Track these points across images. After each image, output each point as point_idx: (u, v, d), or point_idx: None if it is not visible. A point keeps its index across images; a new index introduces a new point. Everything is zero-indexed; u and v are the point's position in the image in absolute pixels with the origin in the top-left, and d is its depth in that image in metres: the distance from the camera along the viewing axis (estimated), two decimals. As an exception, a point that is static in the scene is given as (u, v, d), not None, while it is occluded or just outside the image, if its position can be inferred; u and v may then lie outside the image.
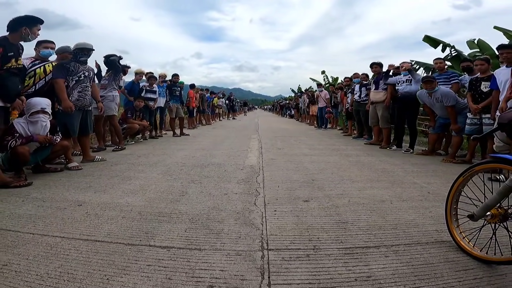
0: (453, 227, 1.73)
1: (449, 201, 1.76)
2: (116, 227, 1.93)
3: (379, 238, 1.83)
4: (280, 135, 8.34)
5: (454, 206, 1.75)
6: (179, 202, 2.47)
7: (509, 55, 3.67)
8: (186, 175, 3.42)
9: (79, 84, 3.96)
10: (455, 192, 1.75)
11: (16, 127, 3.19)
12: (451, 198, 1.76)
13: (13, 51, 3.02)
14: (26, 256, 1.53)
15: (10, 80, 3.00)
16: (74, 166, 3.67)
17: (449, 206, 1.76)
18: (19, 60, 3.15)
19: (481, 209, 1.58)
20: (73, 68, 3.92)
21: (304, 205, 2.43)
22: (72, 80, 3.91)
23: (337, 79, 21.13)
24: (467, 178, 1.70)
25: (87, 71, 4.10)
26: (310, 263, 1.54)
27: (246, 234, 1.88)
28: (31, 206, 2.31)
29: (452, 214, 1.75)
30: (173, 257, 1.58)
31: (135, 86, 6.87)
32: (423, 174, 3.58)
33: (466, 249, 1.63)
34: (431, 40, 8.69)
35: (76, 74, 3.94)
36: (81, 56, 4.04)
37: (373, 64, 6.55)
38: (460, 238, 1.68)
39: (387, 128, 6.21)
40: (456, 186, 1.74)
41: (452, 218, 1.74)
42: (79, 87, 3.96)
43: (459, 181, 1.72)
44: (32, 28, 3.15)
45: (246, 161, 4.32)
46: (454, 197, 1.75)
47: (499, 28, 7.62)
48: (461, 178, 1.72)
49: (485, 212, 1.55)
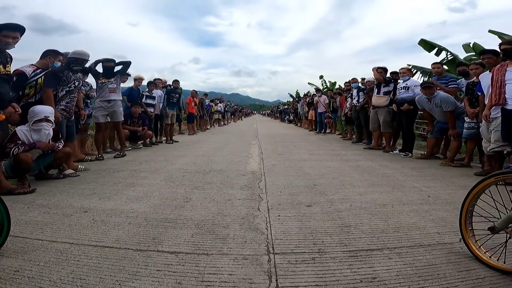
0: (468, 236, 1.67)
1: (464, 213, 1.69)
2: (123, 233, 1.95)
3: (382, 241, 1.87)
4: (280, 140, 8.40)
5: (469, 219, 1.68)
6: (184, 208, 2.50)
7: (490, 59, 3.78)
8: (188, 181, 3.45)
9: (69, 95, 3.88)
10: (469, 203, 1.68)
11: (19, 134, 3.21)
12: (465, 210, 1.68)
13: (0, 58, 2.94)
14: (37, 262, 1.56)
15: (1, 86, 2.91)
16: (71, 173, 3.66)
17: (463, 218, 1.69)
18: (7, 66, 3.04)
19: (502, 221, 1.53)
20: (66, 77, 3.81)
21: (307, 209, 2.47)
22: (62, 90, 3.80)
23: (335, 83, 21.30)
24: (484, 187, 1.64)
25: (77, 81, 4.00)
26: (316, 266, 1.58)
27: (251, 238, 1.91)
28: (37, 213, 2.34)
29: (467, 226, 1.68)
30: (181, 262, 1.61)
31: (134, 92, 6.84)
32: (422, 178, 3.64)
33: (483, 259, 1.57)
34: (426, 44, 8.74)
35: (67, 84, 3.84)
36: (74, 65, 3.93)
37: (378, 69, 6.44)
38: (475, 247, 1.63)
39: (388, 132, 6.23)
40: (471, 197, 1.67)
41: (467, 230, 1.67)
42: (68, 97, 3.88)
43: (474, 192, 1.66)
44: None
45: (247, 167, 4.35)
46: (469, 208, 1.68)
47: (494, 31, 7.70)
48: (476, 189, 1.65)
49: (507, 224, 1.50)
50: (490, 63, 3.77)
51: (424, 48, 8.75)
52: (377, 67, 6.42)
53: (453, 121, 4.66)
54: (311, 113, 12.76)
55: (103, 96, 5.15)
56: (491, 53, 3.83)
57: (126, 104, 6.68)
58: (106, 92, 5.16)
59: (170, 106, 8.28)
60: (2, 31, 2.95)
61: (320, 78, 21.94)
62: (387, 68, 6.48)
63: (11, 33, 3.00)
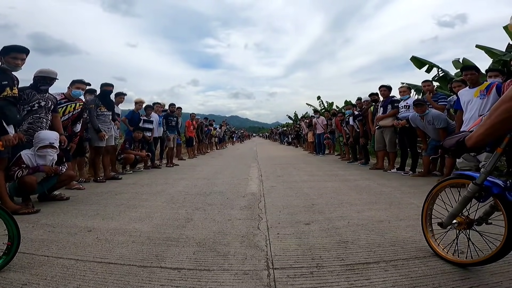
0: (429, 235, 1.94)
1: (424, 213, 1.99)
2: (127, 251, 2.00)
3: (379, 255, 1.92)
4: (279, 163, 8.48)
5: (428, 220, 1.97)
6: (185, 227, 2.55)
7: (473, 76, 3.96)
8: (189, 203, 3.50)
9: (31, 115, 3.56)
10: (427, 206, 1.97)
11: (24, 158, 3.29)
12: (425, 212, 1.98)
13: (7, 80, 2.96)
14: (44, 277, 1.61)
15: (8, 109, 2.95)
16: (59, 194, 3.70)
17: (424, 218, 1.98)
18: (14, 89, 3.05)
19: (447, 218, 1.74)
20: (26, 96, 3.53)
21: (306, 227, 2.52)
22: (23, 110, 3.49)
23: (332, 104, 21.70)
24: (438, 191, 1.93)
25: (43, 101, 3.66)
26: (314, 279, 1.62)
27: (251, 255, 1.96)
28: (42, 232, 2.40)
29: (428, 227, 1.96)
30: (184, 277, 1.65)
31: (135, 115, 7.04)
32: (419, 195, 3.69)
33: (441, 255, 1.82)
34: (417, 61, 8.73)
35: (28, 103, 3.55)
36: (41, 85, 3.67)
37: (381, 87, 6.37)
38: (435, 244, 1.89)
39: (394, 152, 6.23)
40: (429, 200, 1.97)
41: (427, 227, 1.96)
42: (31, 118, 3.56)
43: (432, 194, 1.95)
44: (5, 57, 3.02)
45: (247, 188, 4.41)
46: (428, 209, 1.97)
47: (481, 46, 7.68)
48: (433, 192, 1.94)
49: (451, 220, 1.72)
50: (472, 79, 3.94)
51: (415, 65, 8.75)
52: (381, 86, 6.38)
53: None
54: (310, 135, 12.94)
55: (105, 122, 5.41)
56: (473, 69, 4.02)
57: (128, 128, 6.86)
58: (108, 118, 5.48)
59: (170, 130, 8.45)
60: (11, 53, 3.02)
61: (317, 99, 22.40)
62: (391, 87, 6.40)
63: (19, 55, 3.08)
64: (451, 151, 1.44)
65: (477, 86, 3.89)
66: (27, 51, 3.14)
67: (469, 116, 3.86)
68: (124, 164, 6.42)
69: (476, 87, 3.88)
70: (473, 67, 4.15)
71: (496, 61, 6.73)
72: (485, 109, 3.68)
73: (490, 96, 3.67)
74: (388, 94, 6.34)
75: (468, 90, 3.96)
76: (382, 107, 6.30)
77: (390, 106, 6.12)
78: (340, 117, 9.12)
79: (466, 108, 3.89)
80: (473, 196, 1.56)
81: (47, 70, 3.71)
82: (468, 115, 3.89)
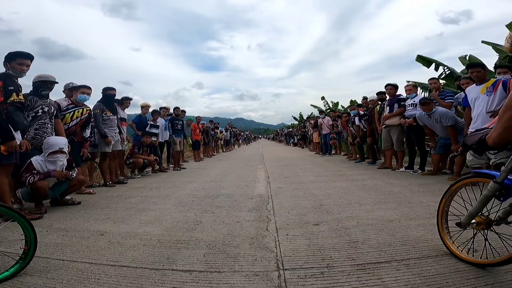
0: (444, 233, 1.90)
1: (440, 211, 1.93)
2: (139, 254, 2.03)
3: (390, 254, 1.91)
4: (286, 164, 8.47)
5: (444, 215, 1.92)
6: (195, 230, 2.57)
7: (479, 73, 3.92)
8: (198, 205, 3.52)
9: (36, 121, 3.57)
10: (444, 204, 1.91)
11: (34, 164, 3.36)
12: (441, 211, 1.93)
13: (13, 86, 2.98)
14: (60, 280, 1.65)
15: (16, 114, 2.98)
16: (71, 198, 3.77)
17: (440, 216, 1.93)
18: (20, 94, 3.06)
19: (466, 218, 1.71)
20: (29, 102, 3.51)
21: (315, 228, 2.52)
22: (28, 116, 3.49)
23: (337, 104, 21.55)
24: (456, 190, 1.88)
25: (46, 106, 3.66)
26: (325, 279, 1.62)
27: (261, 256, 1.96)
28: (56, 236, 2.45)
29: (443, 224, 1.92)
30: (195, 279, 1.67)
31: (142, 119, 7.12)
32: (429, 194, 3.66)
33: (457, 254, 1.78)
34: (424, 60, 8.71)
35: (32, 109, 3.54)
36: (42, 90, 3.65)
37: (388, 86, 6.31)
38: (450, 243, 1.85)
39: (402, 151, 6.18)
40: (446, 198, 1.91)
41: (443, 228, 1.92)
42: (36, 124, 3.57)
43: (449, 192, 1.89)
44: (11, 63, 3.03)
45: (255, 190, 4.42)
46: (445, 207, 1.92)
47: (487, 42, 7.65)
48: (451, 190, 1.88)
49: (470, 220, 1.68)
50: (478, 76, 3.91)
51: (422, 64, 8.74)
52: (387, 84, 6.31)
53: (455, 136, 4.72)
54: (316, 135, 12.89)
55: (112, 126, 5.46)
56: (479, 66, 3.98)
57: (136, 132, 6.94)
58: (114, 122, 5.53)
59: (176, 134, 8.52)
60: (16, 59, 3.05)
61: (322, 100, 22.26)
62: (397, 85, 6.34)
63: (25, 61, 3.11)
64: (473, 149, 1.43)
65: (484, 82, 3.85)
66: (32, 57, 3.17)
67: (476, 113, 3.83)
68: (133, 168, 6.51)
69: (483, 84, 3.84)
70: (479, 64, 4.11)
71: (503, 58, 6.64)
72: (492, 106, 3.65)
73: (496, 93, 3.64)
74: (395, 92, 6.28)
75: (475, 87, 3.92)
76: (388, 106, 6.24)
77: (397, 104, 6.07)
78: (346, 118, 9.07)
79: (474, 105, 3.85)
80: (493, 195, 1.53)
81: (46, 75, 3.71)
82: (475, 112, 3.85)
